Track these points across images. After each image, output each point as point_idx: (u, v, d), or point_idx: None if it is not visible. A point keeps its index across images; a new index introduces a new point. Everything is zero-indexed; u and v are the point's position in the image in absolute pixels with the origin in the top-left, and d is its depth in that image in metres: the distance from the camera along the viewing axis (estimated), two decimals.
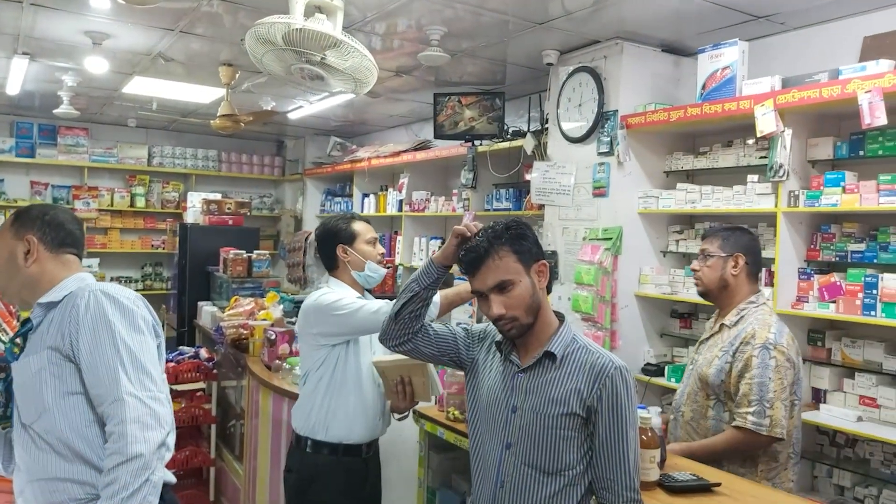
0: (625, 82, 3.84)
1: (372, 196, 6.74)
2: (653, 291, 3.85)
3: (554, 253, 4.18)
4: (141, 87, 5.57)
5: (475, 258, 1.68)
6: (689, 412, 2.46)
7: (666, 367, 3.80)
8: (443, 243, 5.57)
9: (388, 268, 3.25)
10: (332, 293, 2.44)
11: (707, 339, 2.48)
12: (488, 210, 5.09)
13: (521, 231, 1.71)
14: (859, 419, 3.04)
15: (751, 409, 2.21)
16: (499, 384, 1.79)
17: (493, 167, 4.89)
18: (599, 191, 3.94)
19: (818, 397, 3.30)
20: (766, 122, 3.07)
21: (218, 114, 5.07)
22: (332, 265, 2.57)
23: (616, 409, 1.67)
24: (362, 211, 6.83)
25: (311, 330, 2.45)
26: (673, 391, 3.89)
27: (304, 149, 8.10)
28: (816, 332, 3.31)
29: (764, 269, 3.29)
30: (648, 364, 3.87)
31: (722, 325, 2.41)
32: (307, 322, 2.46)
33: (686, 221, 3.98)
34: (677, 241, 3.94)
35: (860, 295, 3.01)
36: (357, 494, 2.49)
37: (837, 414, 3.10)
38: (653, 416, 2.18)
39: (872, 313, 2.94)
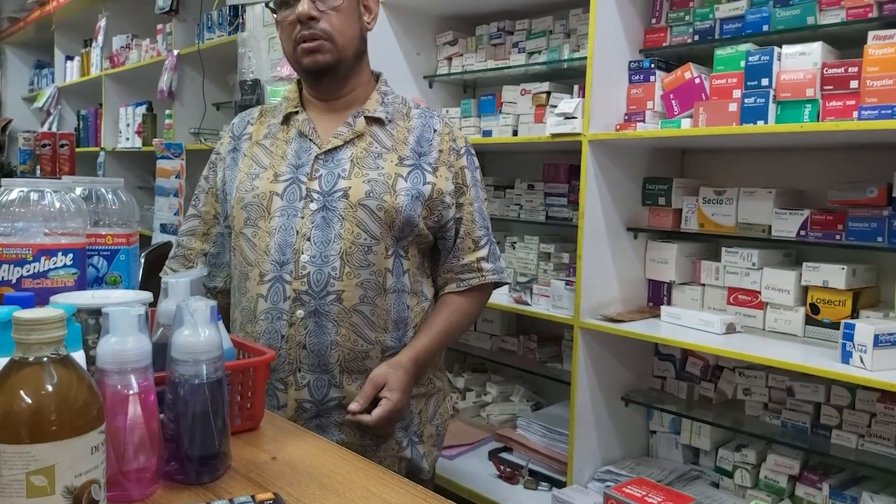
0: None
1: (77, 58, 4.72)
2: None
3: (256, 82, 2.51)
4: None
5: None
6: None
7: None
8: (150, 109, 3.79)
9: None
10: None
11: None
12: (198, 43, 3.31)
13: None
14: (730, 329, 1.66)
15: None
16: None
17: None
18: None
19: (657, 294, 1.90)
20: None
21: None
22: None
23: None
24: (65, 80, 4.83)
25: None
26: None
27: None
28: (659, 183, 1.88)
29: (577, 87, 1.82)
30: None
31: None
32: None
33: (463, 28, 2.42)
34: (450, 57, 2.39)
35: (737, 93, 1.58)
36: None
37: (689, 321, 1.70)
38: None
39: (762, 121, 1.52)
